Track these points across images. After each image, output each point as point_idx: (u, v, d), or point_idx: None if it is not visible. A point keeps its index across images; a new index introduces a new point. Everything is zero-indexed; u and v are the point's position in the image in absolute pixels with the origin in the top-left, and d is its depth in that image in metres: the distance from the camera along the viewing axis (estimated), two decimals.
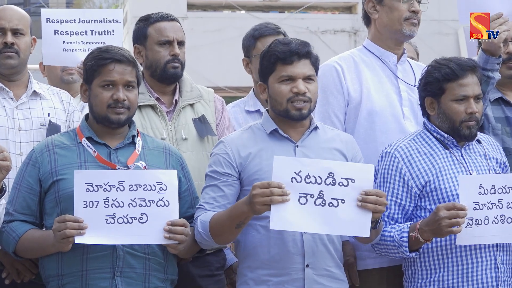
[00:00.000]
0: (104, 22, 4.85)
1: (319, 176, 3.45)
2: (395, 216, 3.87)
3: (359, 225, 3.47)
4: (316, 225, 3.46)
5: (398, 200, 3.88)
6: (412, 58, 4.97)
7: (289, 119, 3.71)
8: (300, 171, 3.44)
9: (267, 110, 3.83)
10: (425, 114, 4.04)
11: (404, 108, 4.31)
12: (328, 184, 3.45)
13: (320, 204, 3.44)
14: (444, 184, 3.86)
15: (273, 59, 3.70)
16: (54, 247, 3.53)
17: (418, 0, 4.33)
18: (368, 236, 3.50)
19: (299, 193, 3.43)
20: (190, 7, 15.82)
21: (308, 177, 3.44)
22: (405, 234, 3.74)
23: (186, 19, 13.69)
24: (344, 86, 4.28)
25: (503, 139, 4.52)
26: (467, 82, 3.88)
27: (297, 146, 3.73)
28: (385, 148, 3.98)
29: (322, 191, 3.44)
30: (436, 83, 3.89)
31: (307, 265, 3.66)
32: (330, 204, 3.45)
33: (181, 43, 4.41)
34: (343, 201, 3.46)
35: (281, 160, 3.45)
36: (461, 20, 4.69)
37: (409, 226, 3.77)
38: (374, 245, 3.87)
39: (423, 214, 3.85)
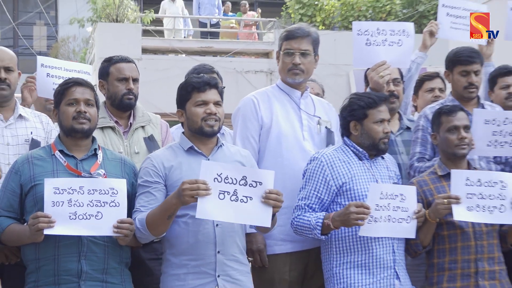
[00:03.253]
0: (80, 73, 4.80)
1: (235, 178, 3.46)
2: (313, 206, 3.88)
3: (262, 217, 3.49)
4: (231, 216, 3.47)
5: (319, 194, 3.89)
6: (318, 94, 5.00)
7: (203, 135, 3.70)
8: (221, 173, 3.44)
9: (183, 133, 3.82)
10: (345, 134, 4.07)
11: (304, 132, 4.30)
12: (241, 185, 3.46)
13: (234, 200, 3.44)
14: (356, 186, 3.89)
15: (190, 88, 3.70)
16: (29, 239, 3.48)
17: (303, 53, 4.30)
18: (269, 226, 3.53)
19: (219, 190, 3.42)
20: (144, 51, 15.79)
21: (227, 178, 3.44)
22: (320, 221, 3.76)
23: (140, 60, 13.60)
24: (259, 114, 4.27)
25: None
26: (383, 109, 3.96)
27: (208, 159, 3.70)
28: (314, 155, 4.01)
29: (236, 190, 3.45)
30: (361, 110, 3.93)
31: (218, 252, 3.64)
32: (242, 200, 3.45)
33: (135, 80, 4.40)
34: (251, 198, 3.46)
35: (207, 164, 3.46)
36: (355, 64, 4.75)
37: (324, 215, 3.79)
38: (293, 227, 3.88)
39: (337, 208, 3.85)
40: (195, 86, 3.69)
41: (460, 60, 4.59)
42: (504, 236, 4.12)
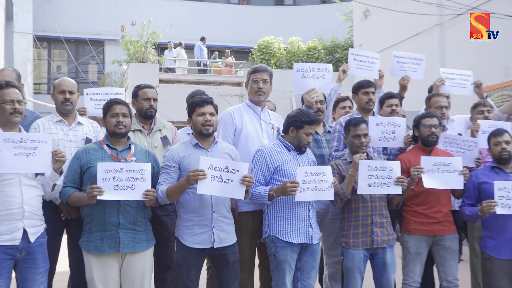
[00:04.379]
0: (116, 94, 4.71)
1: (220, 167, 3.43)
2: (260, 181, 3.83)
3: (238, 192, 3.47)
4: (218, 192, 3.44)
5: (263, 173, 3.83)
6: (272, 109, 4.98)
7: (203, 135, 3.69)
8: (212, 164, 3.41)
9: (192, 133, 3.79)
10: (285, 132, 3.99)
11: (263, 133, 4.26)
12: (225, 172, 3.43)
13: (220, 181, 3.42)
14: (286, 168, 3.84)
15: (194, 104, 3.70)
16: (86, 201, 3.45)
17: (264, 81, 4.30)
18: (243, 198, 3.53)
19: (211, 175, 3.40)
20: (160, 81, 15.70)
21: (216, 167, 3.41)
22: (267, 192, 3.74)
23: (158, 87, 13.50)
24: (234, 122, 4.23)
25: (313, 150, 4.50)
26: (313, 127, 3.91)
27: (208, 151, 3.70)
28: (258, 148, 3.96)
29: (222, 175, 3.42)
30: (301, 123, 3.88)
31: (214, 211, 3.63)
32: (225, 182, 3.43)
33: (155, 100, 4.35)
34: (232, 181, 3.44)
35: (204, 158, 3.43)
36: (295, 90, 4.74)
37: (269, 188, 3.76)
38: (251, 196, 3.81)
39: (275, 182, 3.82)
40: (197, 103, 3.69)
41: (363, 85, 4.63)
42: (390, 200, 4.16)
